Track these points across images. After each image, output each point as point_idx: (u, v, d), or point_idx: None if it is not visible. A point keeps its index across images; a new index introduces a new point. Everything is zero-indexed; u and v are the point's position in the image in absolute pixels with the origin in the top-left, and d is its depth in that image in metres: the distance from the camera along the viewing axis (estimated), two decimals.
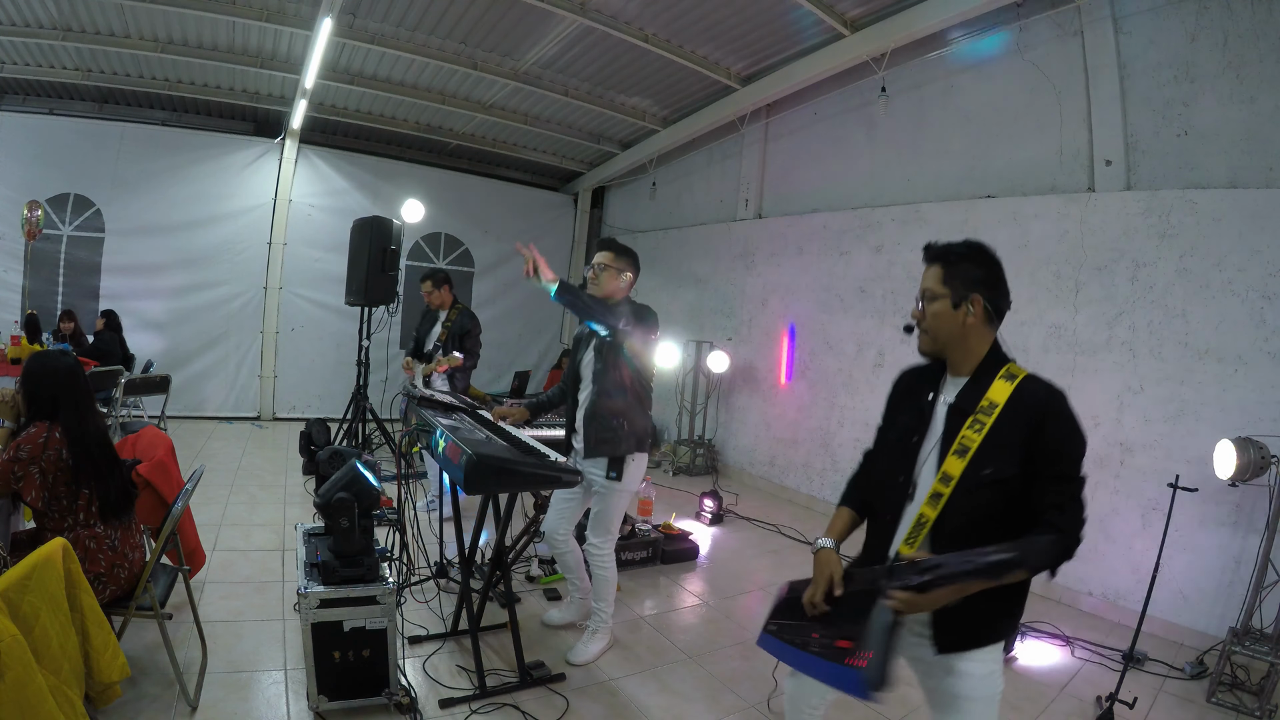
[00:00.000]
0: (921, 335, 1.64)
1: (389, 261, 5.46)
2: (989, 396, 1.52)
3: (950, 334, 1.59)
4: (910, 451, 1.62)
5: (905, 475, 1.62)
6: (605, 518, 2.92)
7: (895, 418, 1.76)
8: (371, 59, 6.24)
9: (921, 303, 1.63)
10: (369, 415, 5.86)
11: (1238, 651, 3.08)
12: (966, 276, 1.58)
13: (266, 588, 3.40)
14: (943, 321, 1.59)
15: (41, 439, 2.16)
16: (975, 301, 1.56)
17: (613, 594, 3.02)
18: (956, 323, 1.57)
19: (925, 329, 1.63)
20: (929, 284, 1.61)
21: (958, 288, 1.57)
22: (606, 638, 3.08)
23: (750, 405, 6.81)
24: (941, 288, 1.59)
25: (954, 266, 1.59)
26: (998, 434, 1.49)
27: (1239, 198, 3.62)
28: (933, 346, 1.64)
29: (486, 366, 8.85)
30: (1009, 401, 1.50)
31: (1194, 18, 3.84)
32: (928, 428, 1.62)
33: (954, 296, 1.57)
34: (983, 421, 1.51)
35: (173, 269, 7.26)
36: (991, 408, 1.51)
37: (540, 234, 9.55)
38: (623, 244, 3.01)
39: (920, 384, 1.72)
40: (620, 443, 2.82)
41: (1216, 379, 3.65)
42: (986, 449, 1.49)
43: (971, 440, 1.51)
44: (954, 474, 1.51)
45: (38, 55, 6.26)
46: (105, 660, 1.93)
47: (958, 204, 5.03)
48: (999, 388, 1.52)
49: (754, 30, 5.31)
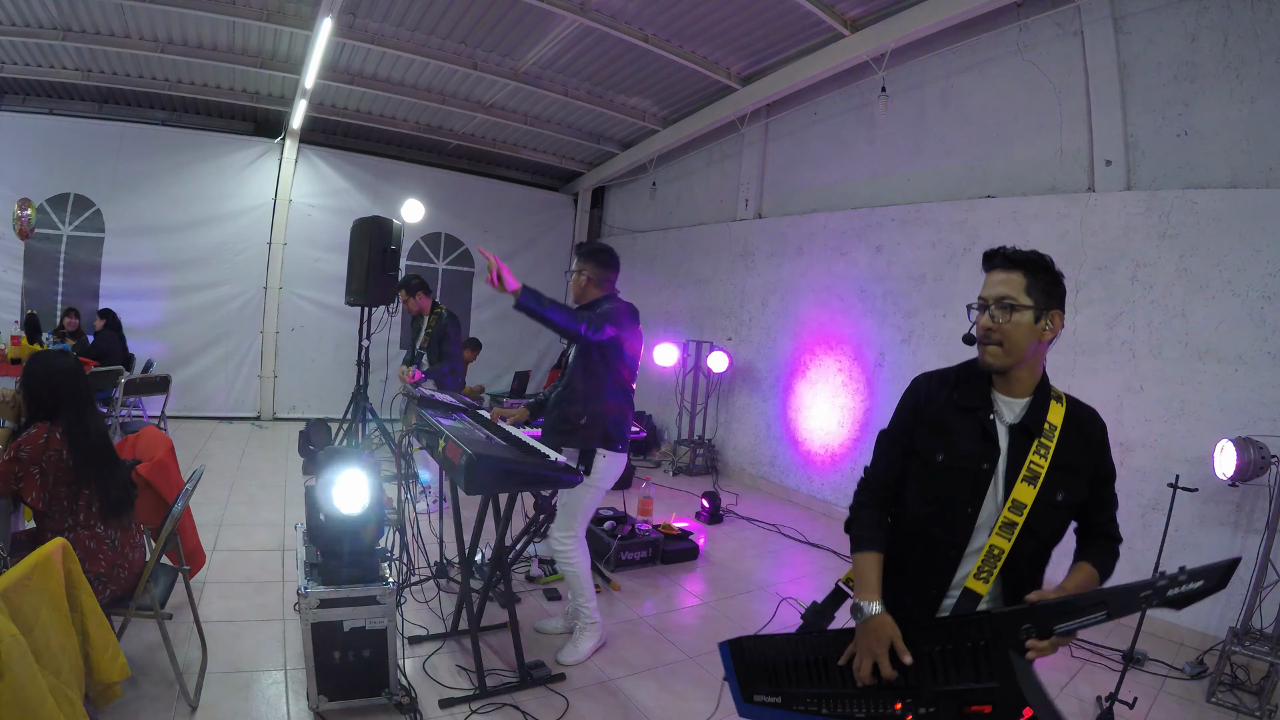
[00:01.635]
0: (991, 349, 1.47)
1: (389, 261, 5.46)
2: (1049, 419, 1.47)
3: (1025, 349, 1.46)
4: (982, 479, 1.48)
5: (974, 506, 1.48)
6: (569, 510, 2.90)
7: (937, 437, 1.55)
8: (371, 59, 6.24)
9: (991, 311, 1.47)
10: (369, 415, 5.85)
11: (1238, 651, 3.08)
12: (1049, 290, 1.49)
13: (266, 588, 3.40)
14: (1023, 335, 1.45)
15: (42, 439, 2.16)
16: (1055, 317, 1.49)
17: (590, 588, 2.98)
18: (1034, 338, 1.47)
19: (998, 341, 1.46)
20: (1010, 291, 1.46)
21: (1040, 300, 1.47)
22: (596, 635, 3.04)
23: (750, 405, 6.81)
24: (1025, 298, 1.46)
25: (1037, 276, 1.48)
26: (1062, 457, 1.45)
27: (1239, 198, 3.62)
28: (1006, 361, 1.48)
29: (487, 366, 8.88)
30: (1065, 423, 1.47)
31: (1194, 18, 3.84)
32: (998, 455, 1.48)
33: (1037, 309, 1.46)
34: (1047, 445, 1.45)
35: (173, 269, 7.26)
36: (1052, 430, 1.46)
37: (540, 234, 9.56)
38: (594, 246, 3.04)
39: (960, 399, 1.55)
40: (575, 435, 2.81)
41: (1216, 379, 3.65)
42: (1054, 474, 1.44)
43: (1040, 466, 1.44)
44: (1026, 501, 1.43)
45: (38, 55, 6.26)
46: (105, 660, 1.93)
47: (958, 204, 5.03)
48: (1054, 410, 1.49)
49: (754, 30, 5.32)
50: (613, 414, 2.86)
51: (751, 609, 3.78)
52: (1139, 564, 3.79)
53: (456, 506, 3.19)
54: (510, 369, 8.94)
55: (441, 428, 2.60)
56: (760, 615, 3.69)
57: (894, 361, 5.36)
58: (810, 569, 4.52)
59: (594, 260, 2.96)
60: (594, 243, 3.06)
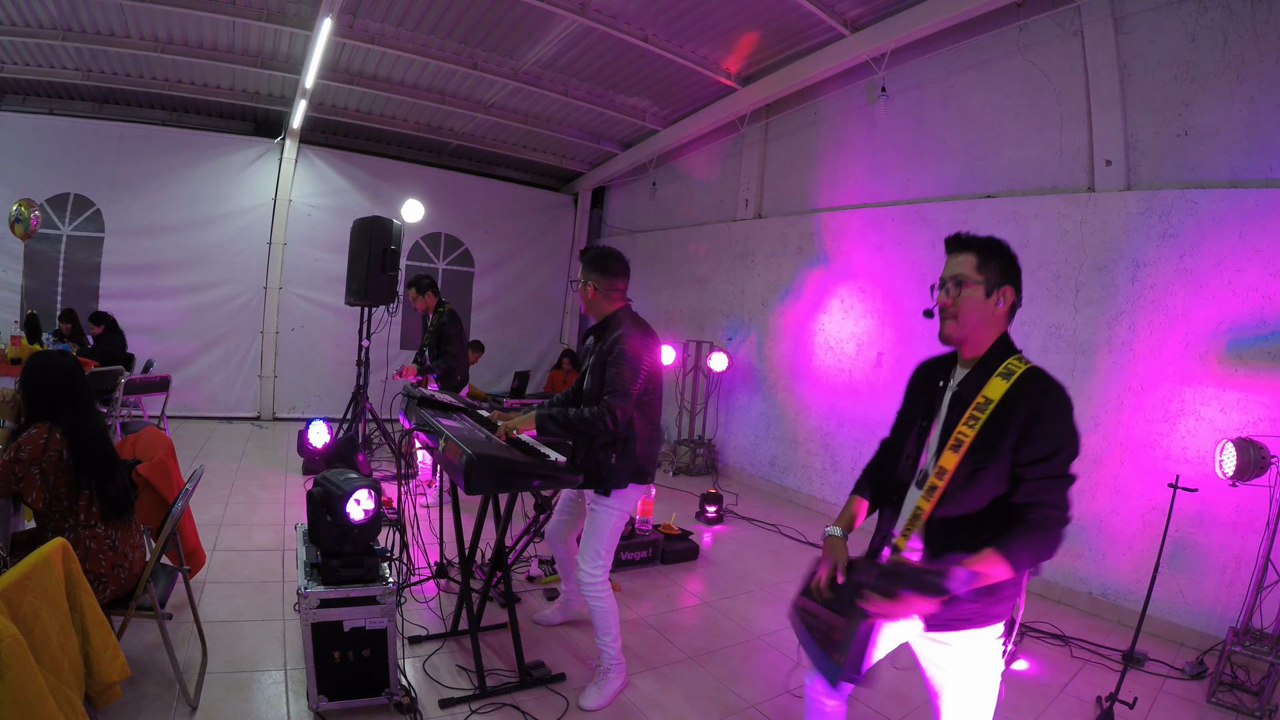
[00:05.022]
0: (948, 321, 1.63)
1: (389, 261, 5.46)
2: (985, 393, 1.55)
3: (978, 322, 1.61)
4: (920, 437, 1.68)
5: (914, 461, 1.68)
6: (596, 538, 2.68)
7: (911, 405, 1.78)
8: (371, 59, 6.24)
9: (947, 289, 1.62)
10: (369, 415, 5.86)
11: (1238, 651, 3.08)
12: (1002, 268, 1.61)
13: (266, 588, 3.40)
14: (974, 308, 1.60)
15: (42, 440, 2.15)
16: (1007, 293, 1.61)
17: (616, 626, 2.73)
18: (986, 311, 1.60)
19: (952, 315, 1.62)
20: (962, 270, 1.61)
21: (992, 277, 1.60)
22: (620, 677, 2.79)
23: (750, 405, 6.81)
24: (976, 274, 1.60)
25: (989, 257, 1.61)
26: (989, 430, 1.52)
27: (1239, 198, 3.62)
28: (959, 333, 1.63)
29: (487, 366, 8.88)
30: (1003, 398, 1.53)
31: (1194, 18, 3.84)
32: (935, 415, 1.67)
33: (988, 285, 1.59)
34: (977, 417, 1.54)
35: (173, 269, 7.26)
36: (986, 404, 1.54)
37: (540, 234, 9.56)
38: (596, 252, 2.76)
39: (935, 373, 1.75)
40: (610, 478, 2.61)
41: (1216, 379, 3.65)
42: (978, 445, 1.53)
43: (965, 435, 1.54)
44: (948, 467, 1.55)
45: (38, 55, 6.26)
46: (105, 660, 1.93)
47: (958, 204, 5.03)
48: (995, 384, 1.55)
49: (754, 30, 5.31)
50: (644, 448, 2.68)
51: (751, 609, 3.78)
52: (1139, 564, 3.80)
53: (456, 506, 3.19)
54: (510, 369, 8.93)
55: (441, 428, 2.59)
56: (760, 615, 3.69)
57: (894, 361, 5.36)
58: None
59: (598, 269, 2.71)
60: (597, 248, 2.77)
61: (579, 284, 2.77)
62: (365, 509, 2.48)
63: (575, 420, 2.53)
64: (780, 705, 2.81)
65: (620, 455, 2.61)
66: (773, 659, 3.21)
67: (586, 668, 2.95)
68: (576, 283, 2.80)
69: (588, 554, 2.69)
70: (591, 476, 2.62)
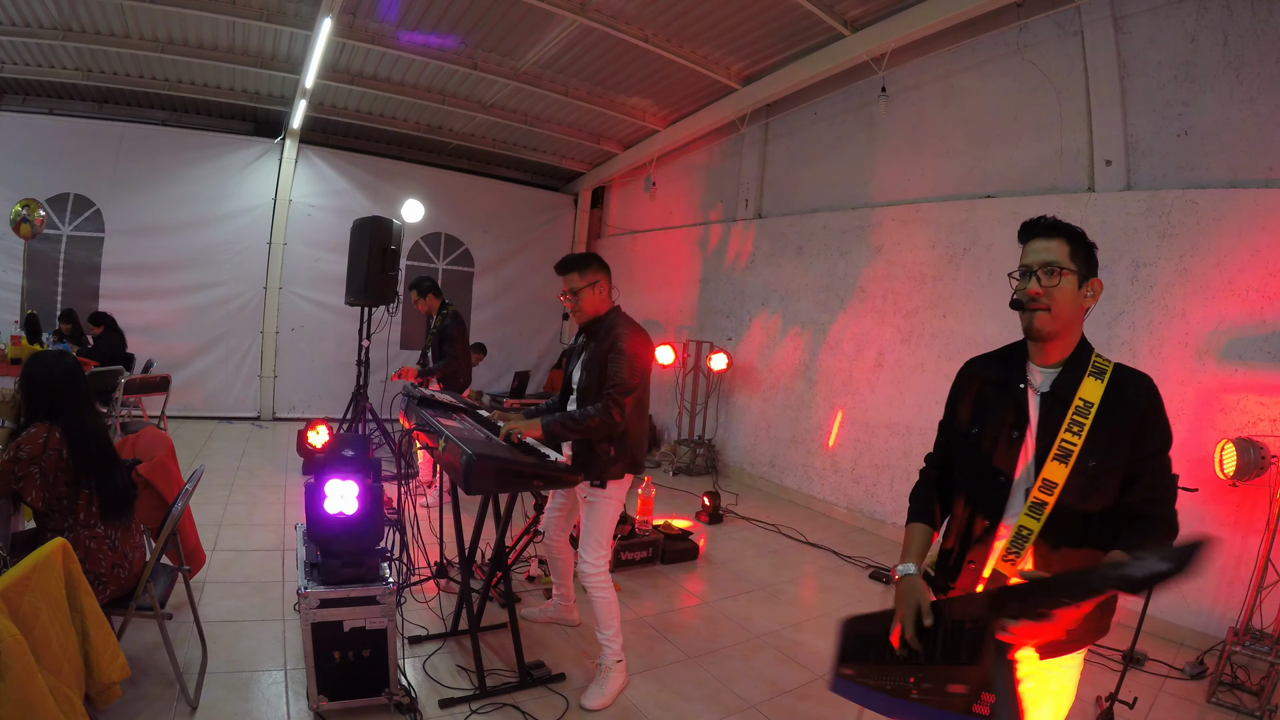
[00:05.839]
0: (1040, 314, 1.45)
1: (389, 261, 5.46)
2: (1081, 394, 1.42)
3: (1071, 317, 1.46)
4: (1013, 447, 1.48)
5: (1007, 475, 1.48)
6: (596, 529, 2.73)
7: (974, 412, 1.58)
8: (371, 59, 6.24)
9: (1038, 276, 1.46)
10: (369, 415, 5.86)
11: (1238, 651, 3.08)
12: (1090, 259, 1.47)
13: (266, 588, 3.40)
14: (1068, 300, 1.44)
15: (42, 439, 2.15)
16: (1096, 286, 1.48)
17: (618, 620, 2.74)
18: (1078, 305, 1.46)
19: (1045, 306, 1.45)
20: (1055, 257, 1.44)
21: (1083, 267, 1.46)
22: (620, 676, 2.77)
23: (750, 405, 6.81)
24: (1070, 263, 1.44)
25: (1079, 245, 1.47)
26: (1097, 434, 1.40)
27: (1239, 198, 3.62)
28: (1054, 326, 1.46)
29: (487, 366, 8.88)
30: (1104, 398, 1.41)
31: (1194, 18, 3.84)
32: (1026, 423, 1.49)
33: (1080, 275, 1.45)
34: (1080, 423, 1.41)
35: (173, 269, 7.26)
36: (1087, 408, 1.41)
37: (540, 234, 9.57)
38: (578, 255, 2.79)
39: (999, 373, 1.56)
40: (605, 470, 2.66)
41: (1216, 379, 3.65)
42: (1088, 451, 1.40)
43: (1073, 444, 1.40)
44: (1057, 480, 1.40)
45: (38, 55, 6.26)
46: (105, 660, 1.93)
47: (958, 204, 5.03)
48: (1090, 386, 1.42)
49: (754, 30, 5.31)
50: (635, 439, 2.73)
51: (751, 609, 3.78)
52: None
53: (456, 506, 3.19)
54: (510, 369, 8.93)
55: (441, 428, 2.59)
56: (760, 615, 3.69)
57: (894, 361, 5.36)
58: (810, 569, 4.53)
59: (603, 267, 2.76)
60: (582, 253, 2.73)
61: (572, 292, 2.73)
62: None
63: (583, 420, 2.58)
64: (780, 705, 2.81)
65: (618, 448, 2.67)
66: (773, 659, 3.21)
67: (586, 668, 2.95)
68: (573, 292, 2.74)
69: (589, 544, 2.73)
70: (590, 469, 2.67)
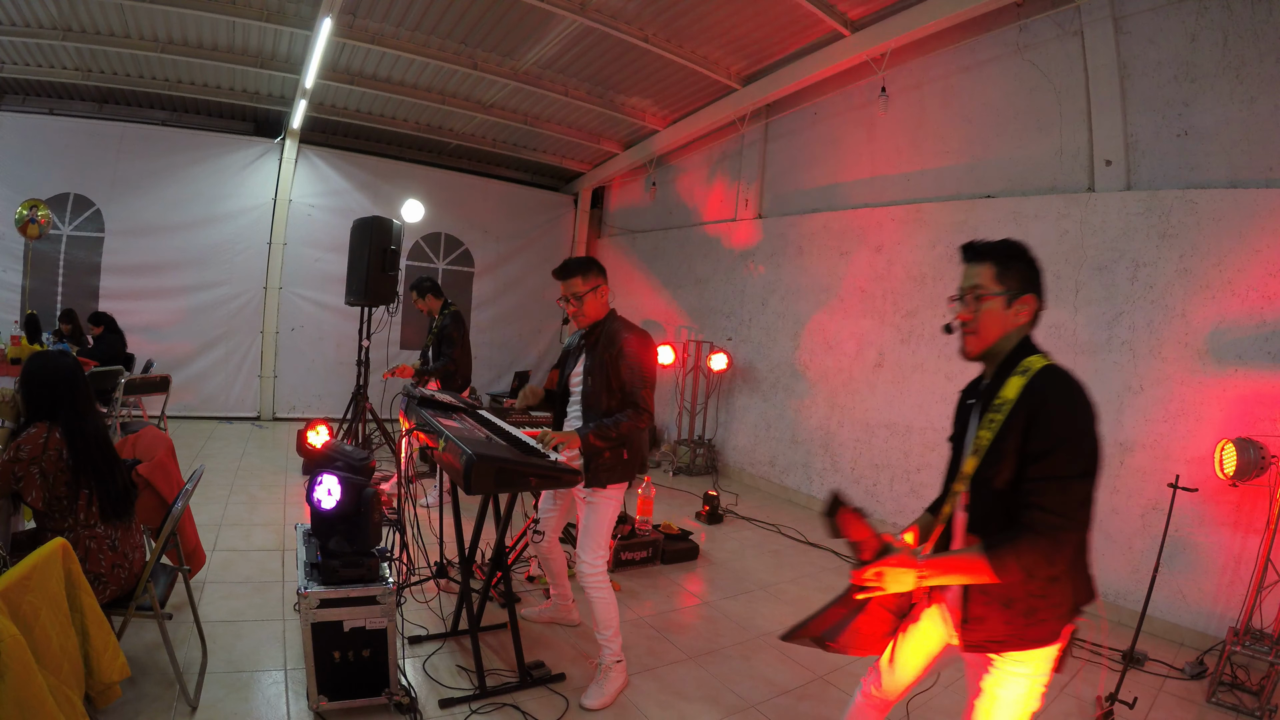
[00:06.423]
0: (968, 337, 1.58)
1: (389, 261, 5.46)
2: (1002, 394, 1.49)
3: (1001, 335, 1.56)
4: (956, 452, 1.69)
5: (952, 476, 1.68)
6: (596, 530, 2.72)
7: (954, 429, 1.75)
8: (371, 59, 6.24)
9: (965, 302, 1.57)
10: (369, 415, 5.85)
11: (1238, 651, 3.08)
12: (1023, 274, 1.55)
13: (266, 588, 3.40)
14: (995, 322, 1.55)
15: (41, 439, 2.15)
16: (1028, 301, 1.55)
17: (617, 620, 2.73)
18: (1008, 322, 1.55)
19: (973, 330, 1.57)
20: (981, 281, 1.55)
21: (1013, 286, 1.54)
22: (620, 676, 2.78)
23: (750, 405, 6.81)
24: (996, 285, 1.54)
25: (1008, 265, 1.55)
26: (1003, 432, 1.47)
27: (1239, 198, 3.62)
28: (981, 347, 1.58)
29: (487, 366, 8.88)
30: (1019, 397, 1.46)
31: (1194, 18, 3.84)
32: (966, 431, 1.65)
33: (1009, 295, 1.54)
34: (995, 420, 1.48)
35: (173, 269, 7.26)
36: (1003, 405, 1.48)
37: (540, 234, 9.56)
38: (579, 259, 2.77)
39: (967, 393, 1.73)
40: (620, 470, 2.69)
41: (1216, 379, 3.65)
42: (993, 447, 1.48)
43: (985, 439, 1.49)
44: (969, 472, 1.53)
45: (38, 55, 6.26)
46: (105, 660, 1.93)
47: (958, 204, 5.03)
48: (1012, 384, 1.49)
49: (754, 30, 5.31)
50: (640, 441, 2.76)
51: (751, 609, 3.78)
52: (1139, 564, 3.80)
53: (457, 506, 3.19)
54: (510, 369, 8.94)
55: (441, 428, 2.59)
56: (760, 615, 3.69)
57: (894, 361, 5.36)
58: (810, 569, 4.52)
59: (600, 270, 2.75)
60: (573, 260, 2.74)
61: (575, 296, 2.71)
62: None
63: (615, 426, 2.59)
64: (780, 705, 2.81)
65: (631, 450, 2.70)
66: (773, 659, 3.21)
67: (586, 668, 2.95)
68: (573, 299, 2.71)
69: (589, 545, 2.72)
70: (596, 473, 2.67)
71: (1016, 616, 1.46)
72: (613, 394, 2.68)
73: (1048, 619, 1.47)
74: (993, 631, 1.49)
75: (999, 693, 1.51)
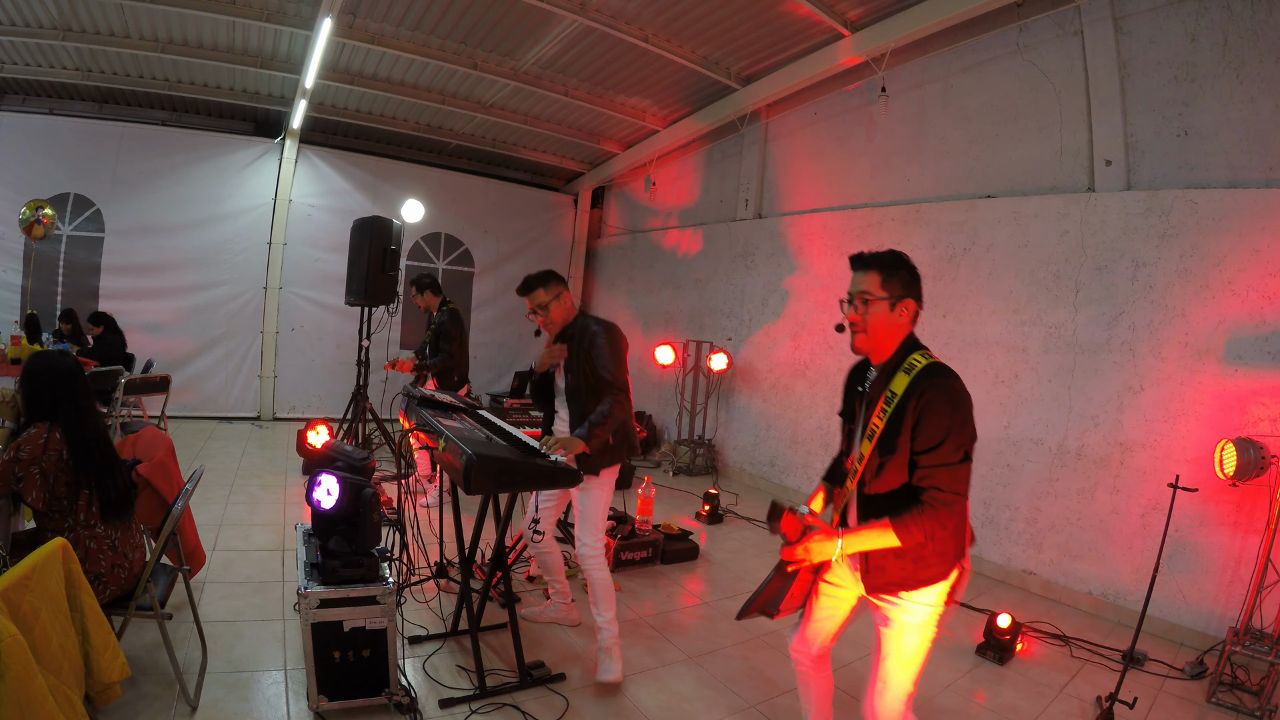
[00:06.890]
0: (858, 336, 1.83)
1: (389, 261, 5.46)
2: (891, 387, 1.75)
3: (885, 334, 1.80)
4: (850, 436, 1.96)
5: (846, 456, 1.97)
6: (593, 514, 2.85)
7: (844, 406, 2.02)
8: (371, 59, 6.24)
9: (855, 305, 1.82)
10: (369, 415, 5.86)
11: (1238, 651, 3.08)
12: (904, 282, 1.79)
13: (266, 588, 3.40)
14: (880, 322, 1.79)
15: (42, 439, 2.15)
16: (909, 305, 1.80)
17: (613, 599, 2.85)
18: (891, 323, 1.80)
19: (862, 330, 1.82)
20: (867, 288, 1.80)
21: (895, 292, 1.79)
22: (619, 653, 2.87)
23: (750, 405, 6.81)
24: (881, 291, 1.79)
25: (891, 273, 1.80)
26: (894, 424, 1.72)
27: (1239, 198, 3.62)
28: (869, 345, 1.83)
29: (486, 366, 8.88)
30: (905, 391, 1.72)
31: (1194, 18, 3.84)
32: (857, 416, 1.91)
33: (891, 300, 1.78)
34: (886, 410, 1.74)
35: (172, 269, 7.26)
36: (893, 397, 1.74)
37: (540, 234, 9.56)
38: (536, 274, 2.92)
39: (856, 378, 1.98)
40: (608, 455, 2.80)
41: (1216, 379, 3.65)
42: (885, 435, 1.74)
43: (877, 426, 1.76)
44: (864, 454, 1.80)
45: (38, 55, 6.26)
46: (105, 660, 1.93)
47: (958, 204, 5.03)
48: (899, 380, 1.74)
49: (754, 30, 5.31)
50: (629, 424, 2.88)
51: None
52: (1139, 564, 3.80)
53: (457, 506, 3.19)
54: (510, 369, 8.95)
55: (441, 428, 2.59)
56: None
57: None
58: None
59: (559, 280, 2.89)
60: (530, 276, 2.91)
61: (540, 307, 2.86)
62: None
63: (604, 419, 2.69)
64: (780, 705, 2.81)
65: (618, 436, 2.81)
66: (773, 659, 3.20)
67: (586, 668, 2.95)
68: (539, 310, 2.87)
69: (588, 527, 2.85)
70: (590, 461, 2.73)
71: (908, 563, 1.74)
72: (591, 386, 2.80)
73: (934, 564, 1.75)
74: (890, 576, 1.77)
75: (904, 620, 1.78)
